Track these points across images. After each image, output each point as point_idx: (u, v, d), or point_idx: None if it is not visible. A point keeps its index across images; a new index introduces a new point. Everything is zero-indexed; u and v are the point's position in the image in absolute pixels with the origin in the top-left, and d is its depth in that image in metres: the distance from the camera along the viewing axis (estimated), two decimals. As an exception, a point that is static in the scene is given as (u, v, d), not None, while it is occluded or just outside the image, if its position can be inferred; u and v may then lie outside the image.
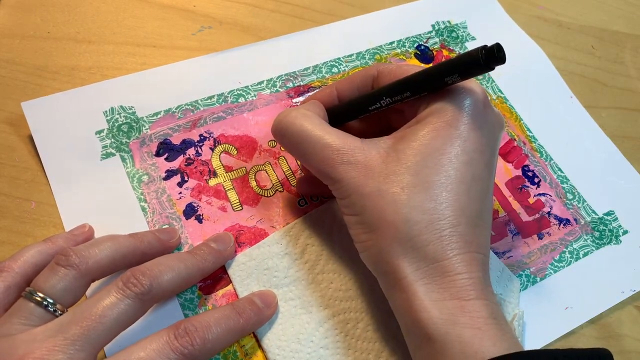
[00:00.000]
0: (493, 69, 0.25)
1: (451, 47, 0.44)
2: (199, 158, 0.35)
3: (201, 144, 0.35)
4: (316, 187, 0.33)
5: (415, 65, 0.30)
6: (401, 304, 0.25)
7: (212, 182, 0.34)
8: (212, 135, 0.36)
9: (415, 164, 0.26)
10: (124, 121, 0.35)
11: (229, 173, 0.35)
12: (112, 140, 0.34)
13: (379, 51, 0.42)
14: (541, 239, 0.36)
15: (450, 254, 0.24)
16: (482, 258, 0.26)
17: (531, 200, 0.38)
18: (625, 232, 0.38)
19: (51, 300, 0.25)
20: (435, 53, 0.43)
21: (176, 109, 0.36)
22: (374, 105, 0.29)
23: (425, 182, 0.25)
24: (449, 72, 0.26)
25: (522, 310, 0.32)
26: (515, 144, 0.40)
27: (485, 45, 0.24)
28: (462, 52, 0.44)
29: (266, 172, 0.35)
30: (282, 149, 0.36)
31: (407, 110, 0.29)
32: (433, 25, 0.45)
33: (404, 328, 0.26)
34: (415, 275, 0.25)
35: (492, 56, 0.24)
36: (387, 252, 0.25)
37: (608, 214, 0.38)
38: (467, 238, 0.25)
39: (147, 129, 0.35)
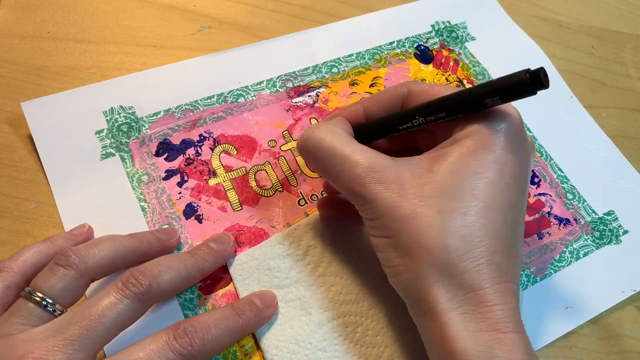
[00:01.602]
0: (536, 93, 0.24)
1: (451, 47, 0.44)
2: (199, 158, 0.35)
3: (201, 143, 0.35)
4: (339, 210, 0.32)
5: (448, 86, 0.29)
6: (433, 333, 0.24)
7: (212, 182, 0.34)
8: (211, 135, 0.36)
9: (451, 187, 0.25)
10: (124, 121, 0.35)
11: (229, 173, 0.35)
12: (112, 140, 0.34)
13: (378, 51, 0.42)
14: (541, 238, 0.36)
15: (487, 283, 0.23)
16: (516, 289, 0.25)
17: (531, 200, 0.38)
18: (625, 232, 0.38)
19: (50, 300, 0.25)
20: (435, 53, 0.43)
21: (176, 109, 0.36)
22: (406, 125, 0.28)
23: (462, 207, 0.24)
24: (490, 94, 0.25)
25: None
26: (515, 144, 0.40)
27: (529, 69, 0.23)
28: (461, 52, 0.44)
29: (266, 172, 0.35)
30: (283, 148, 0.36)
31: (439, 131, 0.28)
32: (433, 25, 0.45)
33: (434, 358, 0.25)
34: (451, 303, 0.23)
35: (538, 80, 0.23)
36: (421, 278, 0.24)
37: (608, 213, 0.38)
38: (502, 268, 0.24)
39: (146, 129, 0.35)
